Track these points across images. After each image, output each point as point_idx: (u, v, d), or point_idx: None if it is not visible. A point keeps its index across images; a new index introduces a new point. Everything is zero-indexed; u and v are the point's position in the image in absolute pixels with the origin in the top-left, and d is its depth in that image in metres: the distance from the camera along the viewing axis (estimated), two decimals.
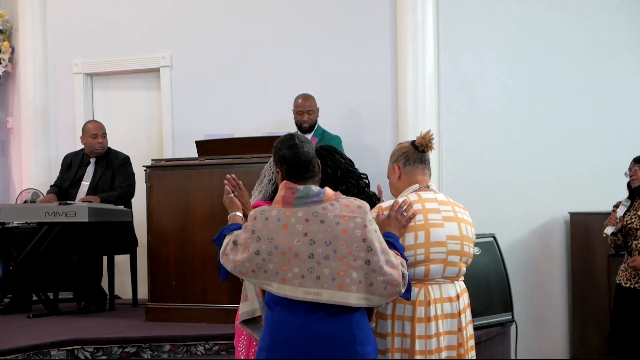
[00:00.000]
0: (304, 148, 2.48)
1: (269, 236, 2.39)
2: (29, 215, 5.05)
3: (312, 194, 2.42)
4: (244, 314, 2.73)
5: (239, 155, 4.62)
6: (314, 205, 2.40)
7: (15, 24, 6.43)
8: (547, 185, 5.47)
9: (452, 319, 2.70)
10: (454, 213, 2.76)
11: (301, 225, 2.38)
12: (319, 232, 2.36)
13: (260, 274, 2.40)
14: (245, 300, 2.74)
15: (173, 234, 4.67)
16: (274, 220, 2.40)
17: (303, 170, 2.47)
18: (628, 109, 5.52)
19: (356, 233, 2.36)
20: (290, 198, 2.42)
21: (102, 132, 5.48)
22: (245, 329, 2.74)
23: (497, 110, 5.53)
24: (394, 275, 2.35)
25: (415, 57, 5.44)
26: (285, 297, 2.37)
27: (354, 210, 2.40)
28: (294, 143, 2.49)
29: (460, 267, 2.76)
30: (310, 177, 2.48)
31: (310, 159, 2.49)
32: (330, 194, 2.44)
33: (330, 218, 2.38)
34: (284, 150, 2.49)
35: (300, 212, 2.40)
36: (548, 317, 5.48)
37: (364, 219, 2.39)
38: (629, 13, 5.53)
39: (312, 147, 2.53)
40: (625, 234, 4.25)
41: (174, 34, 6.09)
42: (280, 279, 2.36)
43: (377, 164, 4.99)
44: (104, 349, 4.20)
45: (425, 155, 2.84)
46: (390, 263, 2.37)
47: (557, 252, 5.50)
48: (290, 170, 2.48)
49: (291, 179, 2.47)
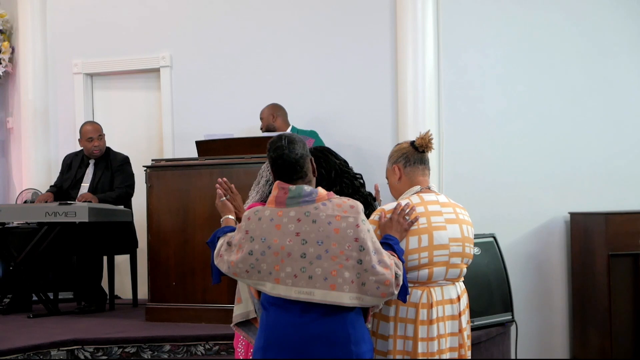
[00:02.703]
0: (291, 149, 2.46)
1: (262, 236, 2.39)
2: (29, 215, 5.05)
3: (305, 193, 2.42)
4: (237, 317, 2.72)
5: (239, 155, 4.62)
6: (306, 205, 2.40)
7: (15, 24, 6.43)
8: (547, 185, 5.47)
9: (453, 321, 2.70)
10: (456, 215, 2.76)
11: (293, 225, 2.38)
12: (311, 231, 2.36)
13: (253, 274, 2.40)
14: (239, 302, 2.73)
15: (173, 234, 4.67)
16: (267, 220, 2.41)
17: (290, 171, 2.46)
18: (628, 109, 5.51)
19: (348, 233, 2.36)
20: (283, 198, 2.42)
21: (98, 135, 5.44)
22: (240, 331, 2.73)
23: (497, 110, 5.53)
24: (386, 275, 2.34)
25: (415, 57, 5.43)
26: (279, 297, 2.37)
27: (347, 210, 2.40)
28: (280, 145, 2.47)
29: (461, 269, 2.76)
30: (299, 177, 2.46)
31: (297, 160, 2.46)
32: (322, 194, 2.44)
33: (322, 218, 2.37)
34: (271, 152, 2.50)
35: (292, 211, 2.40)
36: (548, 317, 5.47)
37: (357, 218, 2.39)
38: (629, 13, 5.52)
39: (303, 148, 2.50)
40: None
41: (174, 34, 6.09)
42: (274, 279, 2.37)
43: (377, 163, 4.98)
44: (104, 349, 4.20)
45: (425, 156, 2.83)
46: (383, 263, 2.36)
47: (557, 252, 5.50)
48: (278, 171, 2.48)
49: (282, 179, 2.47)
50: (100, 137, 5.46)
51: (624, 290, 4.97)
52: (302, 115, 5.56)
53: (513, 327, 4.82)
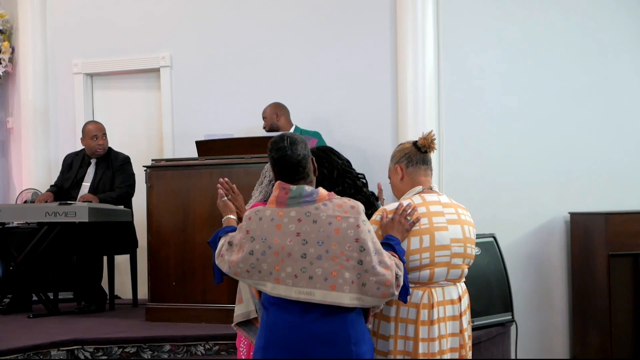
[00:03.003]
0: (293, 150, 2.45)
1: (263, 236, 2.39)
2: (29, 215, 5.05)
3: (305, 194, 2.42)
4: (238, 316, 2.72)
5: (239, 155, 4.62)
6: (306, 205, 2.40)
7: (15, 24, 6.43)
8: (547, 185, 5.47)
9: (454, 321, 2.70)
10: (457, 215, 2.76)
11: (294, 225, 2.38)
12: (312, 232, 2.36)
13: (254, 274, 2.40)
14: (240, 302, 2.73)
15: (173, 234, 4.67)
16: (268, 220, 2.41)
17: (292, 172, 2.45)
18: (628, 109, 5.51)
19: (349, 233, 2.36)
20: (284, 198, 2.42)
21: (102, 133, 5.46)
22: (241, 331, 2.74)
23: (497, 110, 5.53)
24: (387, 275, 2.34)
25: (415, 57, 5.43)
26: (279, 297, 2.37)
27: (347, 211, 2.40)
28: (282, 145, 2.47)
29: (463, 270, 2.76)
30: (301, 178, 2.46)
31: (299, 161, 2.45)
32: (323, 194, 2.43)
33: (322, 218, 2.37)
34: (273, 153, 2.49)
35: (293, 212, 2.40)
36: (548, 317, 5.47)
37: (357, 219, 2.38)
38: (629, 13, 5.52)
39: (305, 148, 2.49)
40: None
41: (174, 34, 6.09)
42: (274, 279, 2.37)
43: (377, 163, 4.98)
44: (104, 349, 4.21)
45: (427, 156, 2.83)
46: (383, 263, 2.36)
47: (557, 252, 5.50)
48: (280, 172, 2.48)
49: (283, 179, 2.47)
50: (104, 136, 5.47)
51: (624, 290, 4.97)
52: (302, 116, 5.56)
53: (513, 327, 4.82)
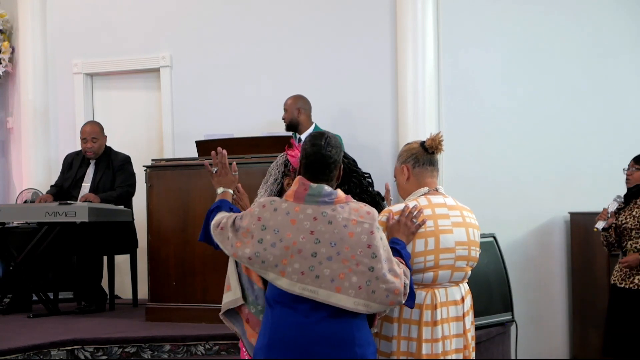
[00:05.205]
0: (327, 151, 2.45)
1: (276, 227, 2.38)
2: (29, 215, 5.05)
3: (324, 193, 2.41)
4: (227, 304, 2.65)
5: (239, 155, 4.60)
6: (324, 205, 2.40)
7: (15, 24, 6.43)
8: (547, 185, 5.47)
9: (457, 322, 2.69)
10: (462, 218, 2.74)
11: (309, 223, 2.37)
12: (326, 232, 2.36)
13: (256, 262, 2.39)
14: (229, 290, 2.68)
15: (173, 234, 4.67)
16: (283, 213, 2.40)
17: (318, 171, 2.45)
18: (628, 109, 5.52)
19: (362, 238, 2.36)
20: (302, 194, 2.42)
21: (91, 137, 5.38)
22: (226, 321, 2.68)
23: (497, 110, 5.53)
24: (396, 284, 2.35)
25: (415, 57, 5.43)
26: (286, 296, 2.37)
27: (363, 216, 2.40)
28: (319, 143, 2.47)
29: (466, 272, 2.75)
30: (324, 180, 2.45)
31: (328, 164, 2.45)
32: (341, 197, 2.43)
33: (338, 220, 2.37)
34: (307, 145, 2.49)
35: (309, 209, 2.39)
36: (548, 317, 5.47)
37: (372, 225, 2.39)
38: (629, 13, 5.53)
39: (338, 154, 2.49)
40: (619, 233, 4.25)
41: (174, 34, 6.09)
42: (279, 271, 2.36)
43: (377, 163, 4.99)
44: (104, 349, 4.20)
45: (434, 157, 2.81)
46: (393, 272, 2.37)
47: (557, 252, 5.50)
48: (306, 167, 2.47)
49: (306, 175, 2.46)
50: (94, 140, 5.38)
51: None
52: None
53: (513, 327, 4.82)
